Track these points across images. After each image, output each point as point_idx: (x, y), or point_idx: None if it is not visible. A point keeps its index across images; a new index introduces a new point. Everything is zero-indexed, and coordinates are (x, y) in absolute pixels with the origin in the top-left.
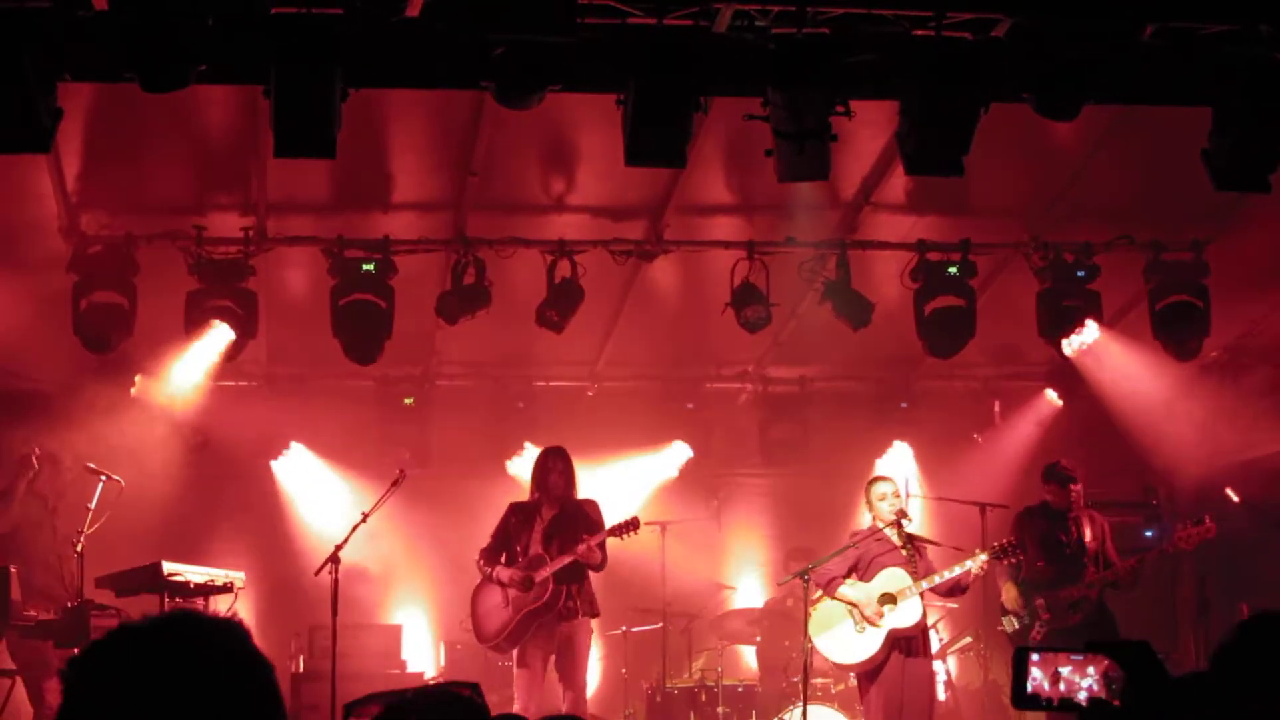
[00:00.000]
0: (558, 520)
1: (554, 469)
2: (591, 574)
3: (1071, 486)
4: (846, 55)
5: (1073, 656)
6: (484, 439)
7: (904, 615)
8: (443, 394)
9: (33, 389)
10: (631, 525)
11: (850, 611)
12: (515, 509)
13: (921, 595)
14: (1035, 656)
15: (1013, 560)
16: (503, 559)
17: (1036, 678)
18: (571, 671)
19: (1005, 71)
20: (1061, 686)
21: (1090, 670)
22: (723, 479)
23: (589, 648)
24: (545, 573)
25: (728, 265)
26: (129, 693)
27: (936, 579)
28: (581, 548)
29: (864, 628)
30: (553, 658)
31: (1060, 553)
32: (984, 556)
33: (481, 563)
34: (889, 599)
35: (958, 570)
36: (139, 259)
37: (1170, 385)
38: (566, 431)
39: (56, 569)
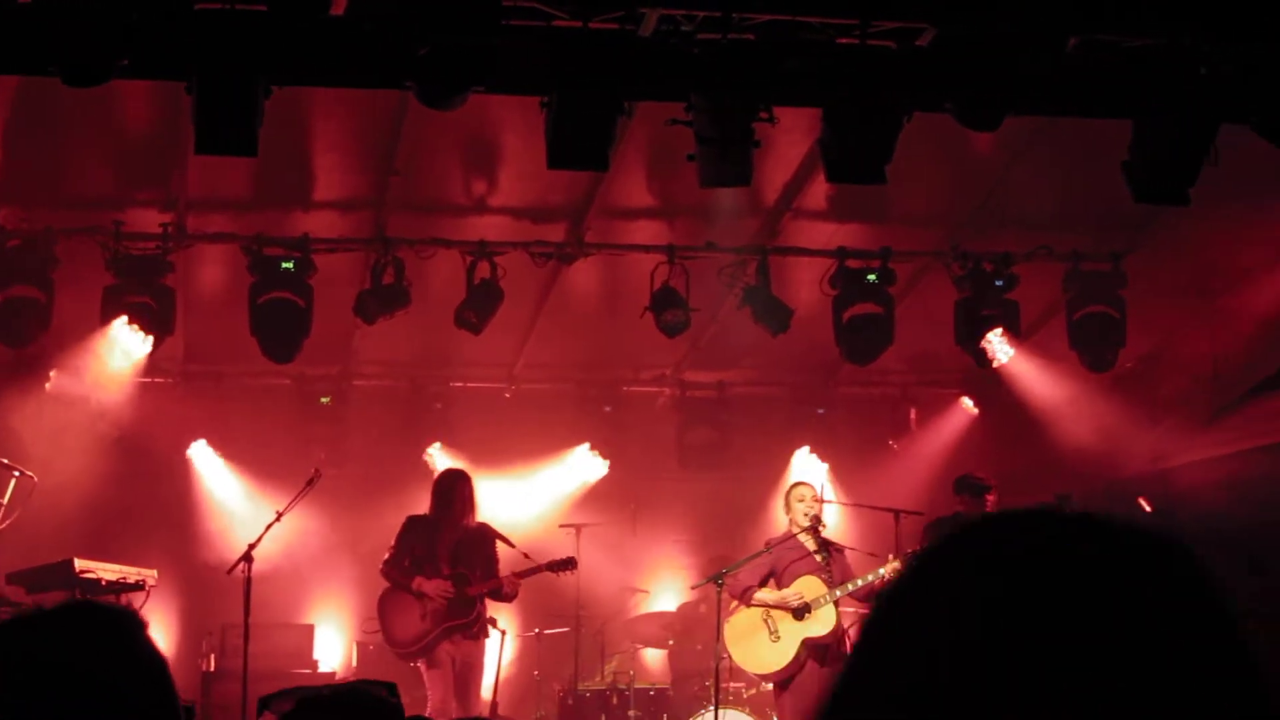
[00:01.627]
0: (463, 544)
1: (462, 495)
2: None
3: (986, 496)
4: (771, 62)
5: None
6: (400, 439)
7: (818, 624)
8: (360, 394)
9: None
10: (569, 564)
11: (765, 621)
12: (415, 524)
13: (837, 603)
14: None
15: None
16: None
17: None
18: (473, 692)
19: (928, 81)
20: None
21: None
22: (639, 483)
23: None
24: (474, 592)
25: (648, 269)
26: (18, 683)
27: (850, 586)
28: (508, 587)
29: (778, 637)
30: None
31: None
32: (896, 564)
33: (393, 572)
34: (805, 607)
35: (871, 577)
36: (57, 253)
37: (1085, 395)
38: (483, 433)
39: None
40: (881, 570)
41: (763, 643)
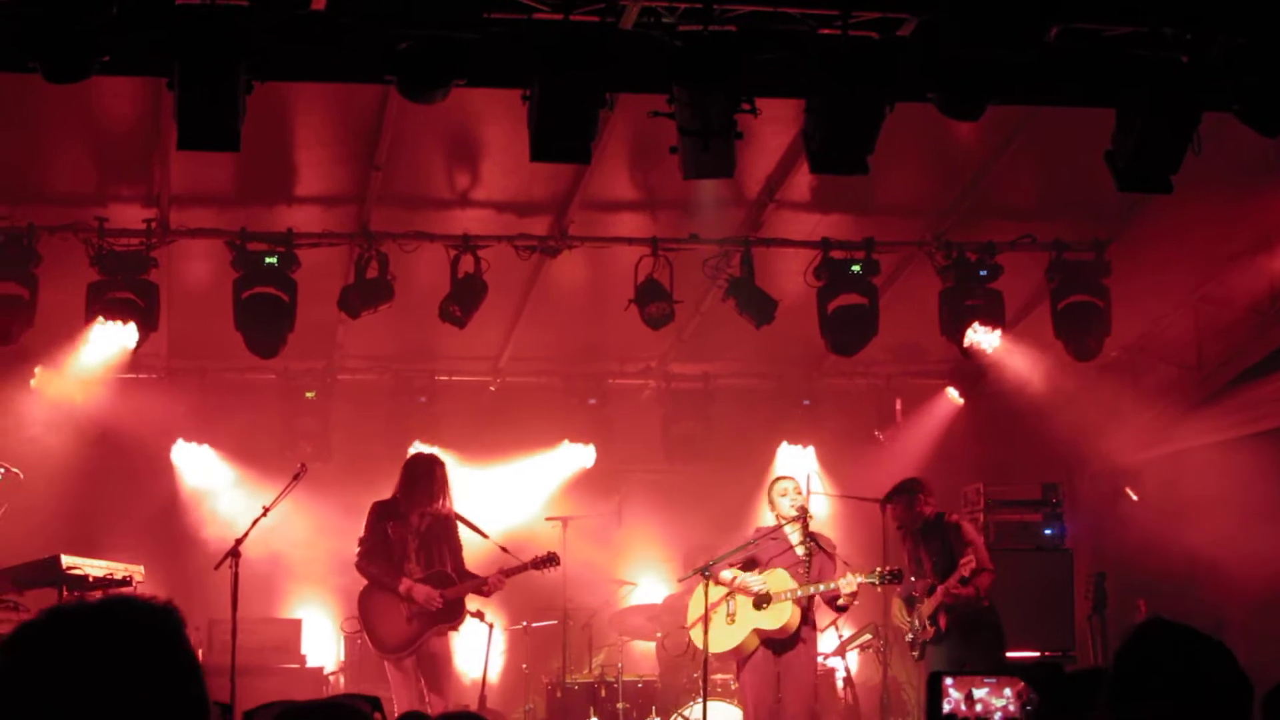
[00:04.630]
0: (431, 531)
1: (440, 478)
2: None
3: (918, 496)
4: (752, 53)
5: (986, 679)
6: (386, 433)
7: (771, 617)
8: (345, 388)
9: None
10: (552, 560)
11: (727, 602)
12: (384, 511)
13: (801, 602)
14: (950, 680)
15: (896, 586)
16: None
17: (954, 698)
18: (446, 681)
19: (910, 71)
20: (978, 708)
21: (1006, 692)
22: (625, 475)
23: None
24: (458, 594)
25: (632, 261)
26: (60, 680)
27: (813, 589)
28: (491, 585)
29: (733, 620)
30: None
31: (919, 566)
32: (855, 579)
33: (372, 568)
34: (764, 598)
35: (831, 586)
36: (40, 250)
37: (1071, 384)
38: (469, 427)
39: None
40: (840, 581)
41: (719, 623)
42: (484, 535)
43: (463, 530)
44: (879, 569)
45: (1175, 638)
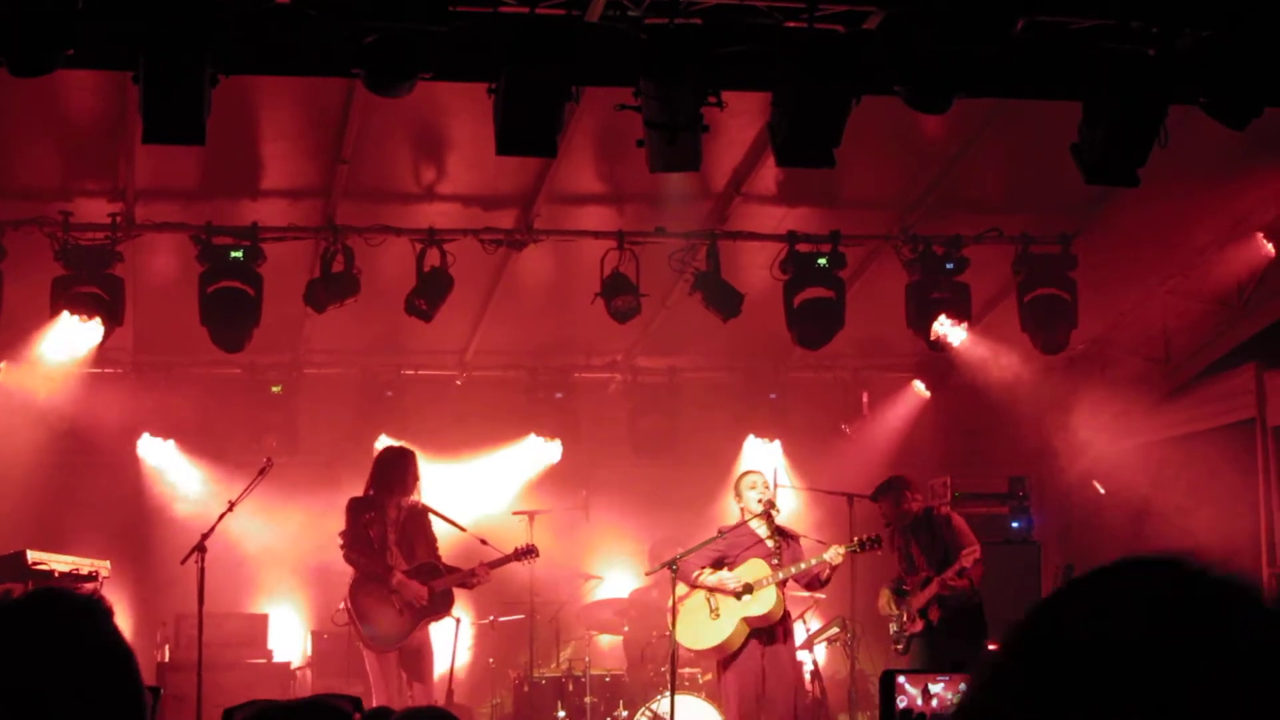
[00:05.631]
0: (407, 523)
1: (412, 471)
2: None
3: (904, 493)
4: (719, 46)
5: (939, 676)
6: (352, 427)
7: (758, 604)
8: (311, 382)
9: None
10: (531, 552)
11: (708, 599)
12: (361, 505)
13: (780, 586)
14: (903, 678)
15: (878, 552)
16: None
17: (910, 693)
18: (429, 671)
19: (877, 64)
20: (934, 703)
21: (962, 687)
22: (591, 469)
23: None
24: (445, 585)
25: (598, 255)
26: None
27: (793, 569)
28: (479, 577)
29: (717, 614)
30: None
31: (911, 564)
32: (840, 549)
33: (360, 559)
34: (746, 588)
35: (814, 561)
36: (4, 245)
37: (1037, 377)
38: (435, 420)
39: None
40: (825, 555)
41: (703, 620)
42: (461, 528)
43: (435, 522)
44: (857, 537)
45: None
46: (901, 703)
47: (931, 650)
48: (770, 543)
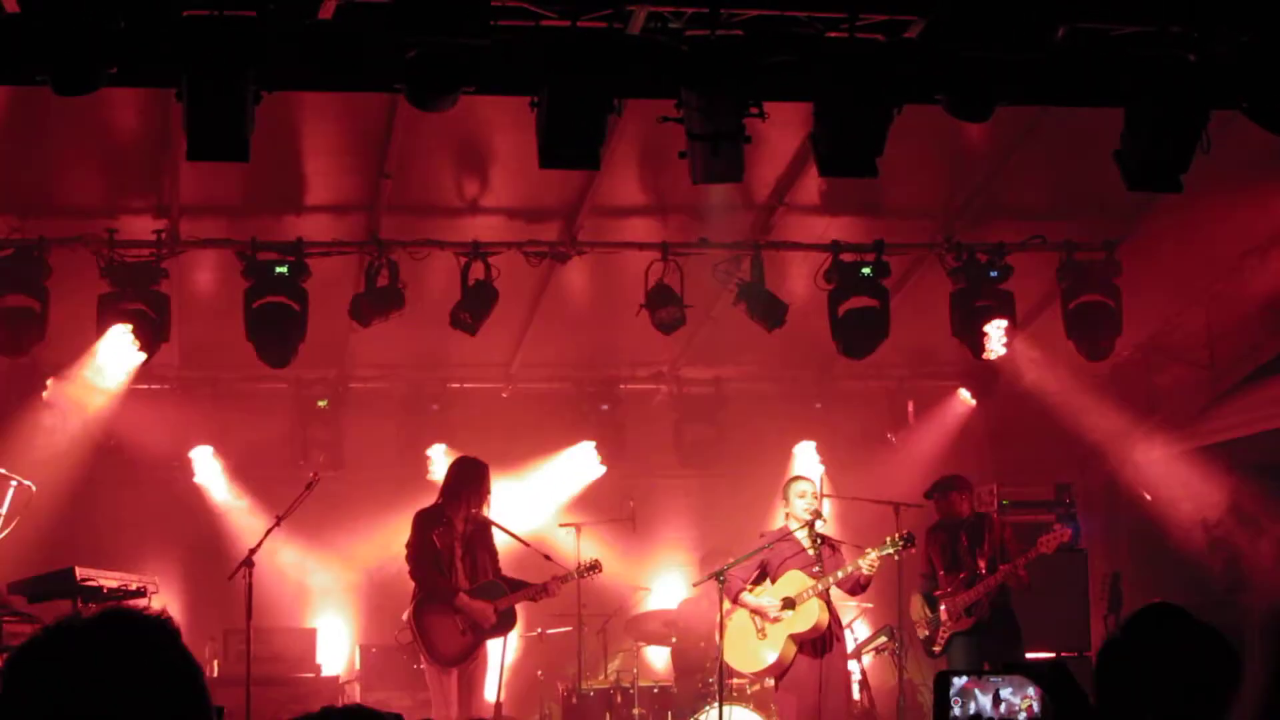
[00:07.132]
0: (473, 537)
1: (485, 484)
2: None
3: (950, 494)
4: (760, 57)
5: (992, 679)
6: (398, 441)
7: (801, 620)
8: (357, 396)
9: None
10: (595, 568)
11: (753, 619)
12: (430, 518)
13: (824, 596)
14: (958, 681)
15: (912, 550)
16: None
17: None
18: (483, 681)
19: (918, 73)
20: (1002, 708)
21: (1030, 691)
22: (638, 480)
23: None
24: (508, 604)
25: (642, 267)
26: (62, 692)
27: (831, 579)
28: (551, 591)
29: (764, 634)
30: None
31: (955, 562)
32: (874, 553)
33: (425, 576)
34: (789, 603)
35: (850, 569)
36: (51, 262)
37: (1083, 384)
38: (481, 433)
39: None
40: (861, 561)
41: (750, 640)
42: (524, 543)
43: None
44: (889, 538)
45: (1164, 622)
46: (970, 709)
47: (977, 650)
48: (812, 551)
